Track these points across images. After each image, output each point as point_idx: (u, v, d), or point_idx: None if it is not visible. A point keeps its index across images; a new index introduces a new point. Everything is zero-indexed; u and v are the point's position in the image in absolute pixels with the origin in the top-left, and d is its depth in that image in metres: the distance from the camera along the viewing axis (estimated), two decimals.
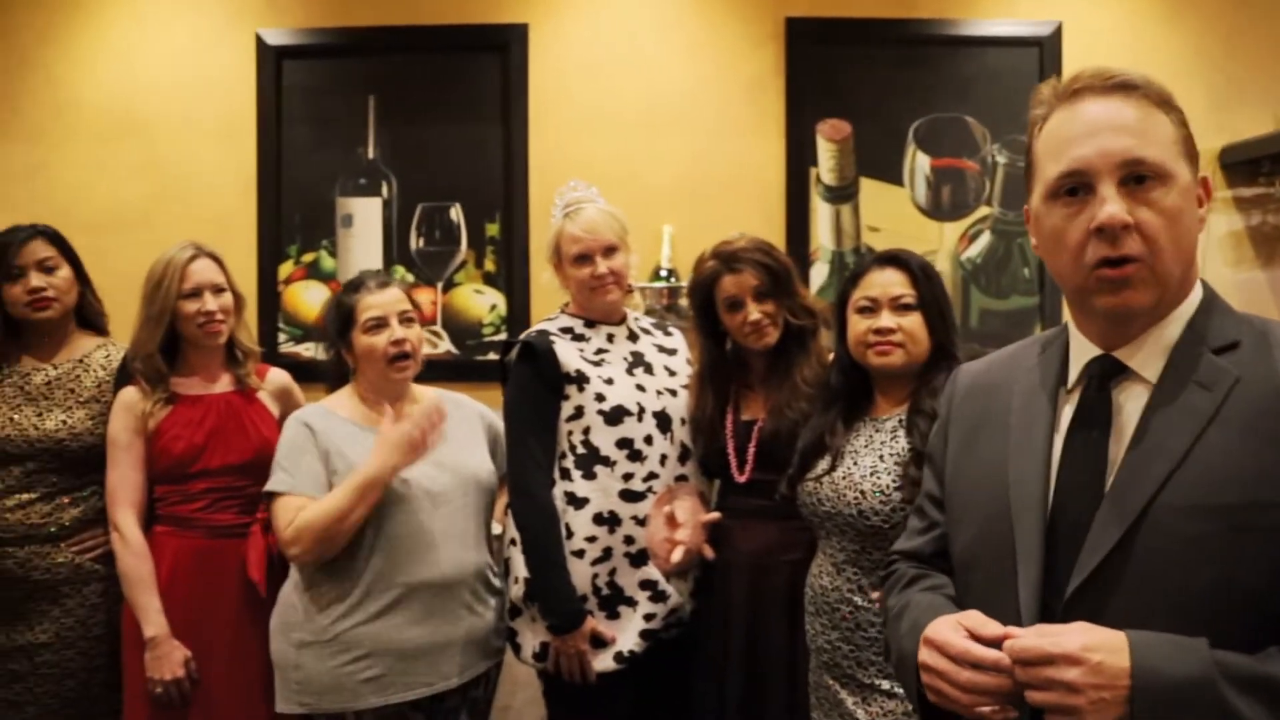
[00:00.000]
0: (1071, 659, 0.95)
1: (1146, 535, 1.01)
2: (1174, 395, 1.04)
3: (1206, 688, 0.92)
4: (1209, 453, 1.00)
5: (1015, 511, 1.11)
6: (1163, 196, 1.04)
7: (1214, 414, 1.02)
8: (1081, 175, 1.06)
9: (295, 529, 1.97)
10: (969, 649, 1.03)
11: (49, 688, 2.21)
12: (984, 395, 1.24)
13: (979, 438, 1.22)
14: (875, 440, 1.90)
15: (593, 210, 2.19)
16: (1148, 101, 1.07)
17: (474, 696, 2.15)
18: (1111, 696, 0.93)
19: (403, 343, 2.10)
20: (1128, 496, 1.02)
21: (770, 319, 2.10)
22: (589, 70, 3.25)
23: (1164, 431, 1.03)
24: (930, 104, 3.28)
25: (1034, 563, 1.07)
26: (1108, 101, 1.07)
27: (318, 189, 3.26)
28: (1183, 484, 1.00)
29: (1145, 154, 1.04)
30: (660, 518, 2.12)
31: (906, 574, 1.31)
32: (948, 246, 3.30)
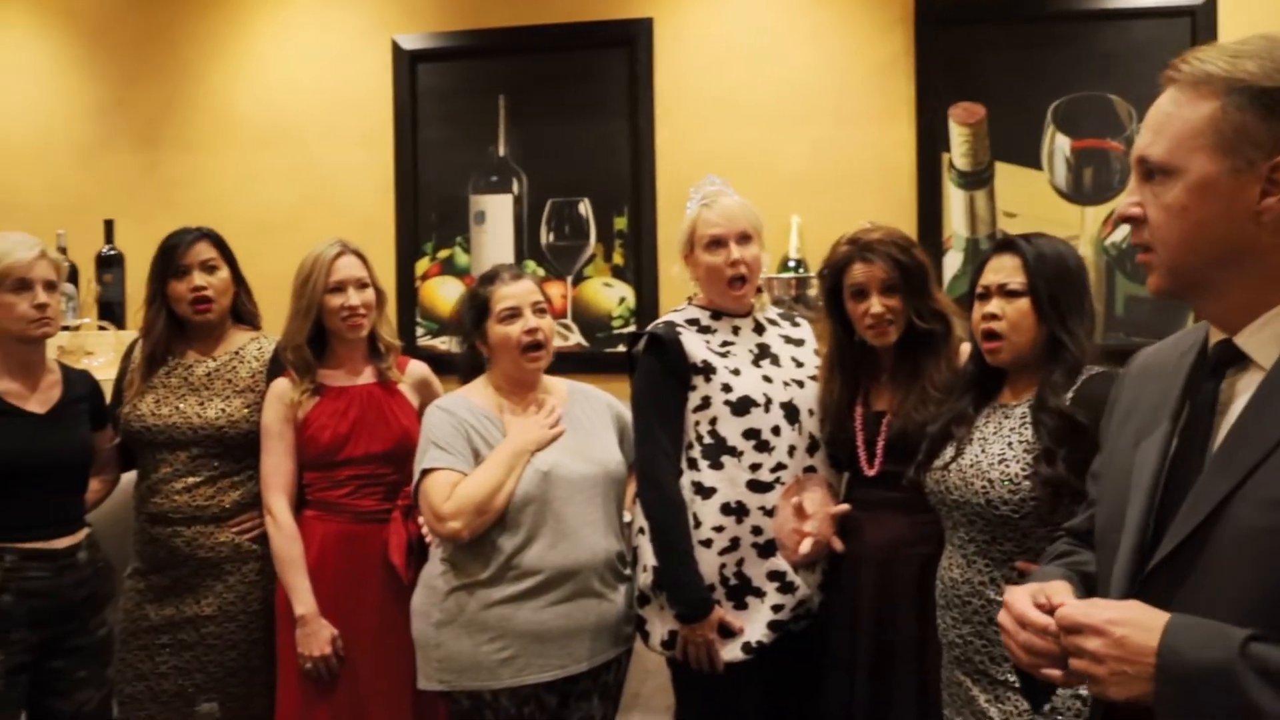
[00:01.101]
0: (1097, 630, 1.00)
1: (1222, 526, 1.00)
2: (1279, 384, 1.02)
3: (1227, 675, 0.93)
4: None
5: (1131, 496, 1.12)
6: (1164, 192, 1.05)
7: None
8: None
9: (455, 502, 2.04)
10: (1025, 612, 1.11)
11: (214, 657, 2.37)
12: (1144, 378, 1.24)
13: (1130, 420, 1.22)
14: (1004, 428, 1.85)
15: (729, 200, 2.20)
16: (1191, 90, 1.05)
17: (605, 681, 2.20)
18: (1134, 671, 0.97)
19: (536, 332, 2.16)
20: (1210, 486, 1.02)
21: (893, 315, 2.07)
22: (714, 62, 3.26)
23: (1260, 422, 1.01)
24: (1070, 83, 3.15)
25: (1132, 541, 1.09)
26: (1163, 94, 1.08)
27: (452, 187, 3.37)
28: (1269, 476, 0.98)
29: (1149, 151, 1.06)
30: (789, 509, 2.11)
31: (1056, 549, 1.36)
32: (1090, 231, 3.17)
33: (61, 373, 2.37)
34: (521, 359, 2.17)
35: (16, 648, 2.18)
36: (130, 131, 3.66)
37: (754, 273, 2.20)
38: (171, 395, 2.41)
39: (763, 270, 2.25)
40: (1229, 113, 1.02)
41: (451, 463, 2.08)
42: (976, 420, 1.91)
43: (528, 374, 2.21)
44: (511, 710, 2.08)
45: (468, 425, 2.13)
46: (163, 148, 3.63)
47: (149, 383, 2.43)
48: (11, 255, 2.20)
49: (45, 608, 2.21)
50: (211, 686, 2.37)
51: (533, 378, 2.22)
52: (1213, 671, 0.93)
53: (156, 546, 2.38)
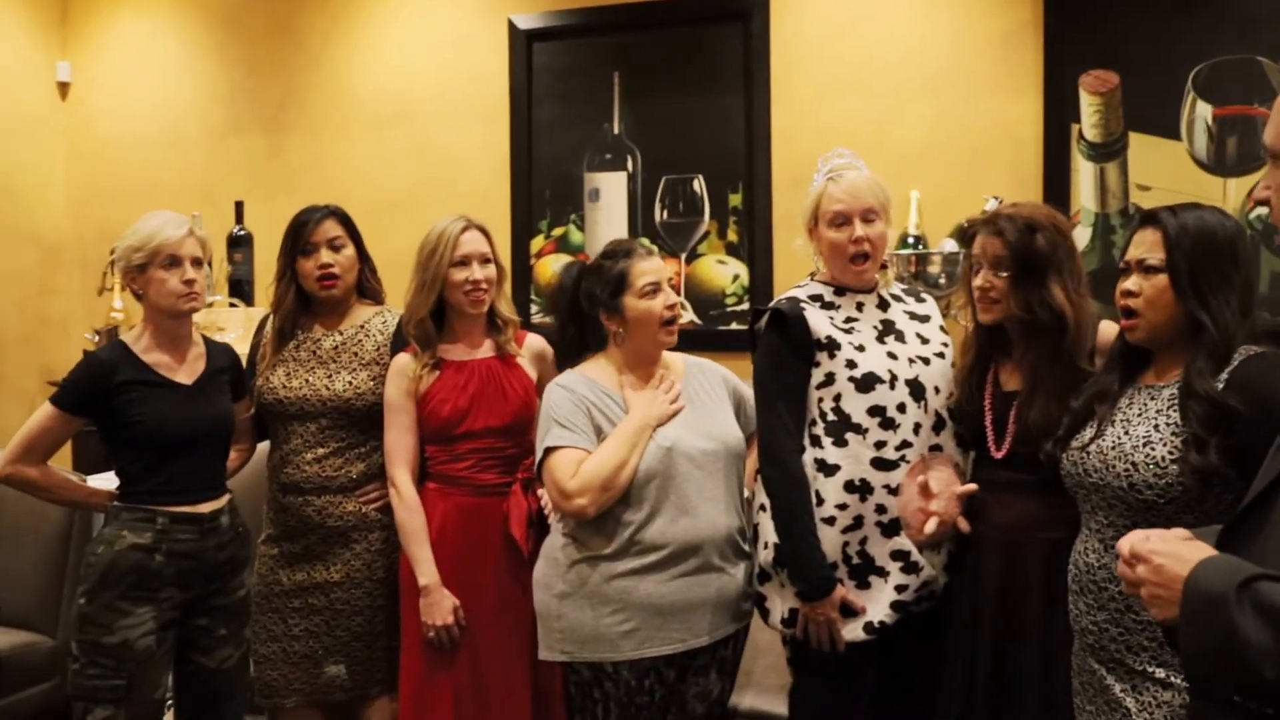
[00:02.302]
0: (1142, 558, 1.15)
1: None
2: None
3: (1221, 603, 1.04)
4: None
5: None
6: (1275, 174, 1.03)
7: None
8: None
9: (581, 479, 2.05)
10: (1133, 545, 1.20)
11: (341, 622, 2.45)
12: None
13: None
14: (1149, 409, 1.77)
15: (856, 175, 2.16)
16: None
17: (723, 656, 2.20)
18: (1168, 595, 1.12)
19: (675, 306, 2.17)
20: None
21: (997, 294, 1.99)
22: (831, 34, 3.19)
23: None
24: (1213, 47, 2.98)
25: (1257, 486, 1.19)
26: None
27: (566, 165, 3.40)
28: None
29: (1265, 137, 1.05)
30: (914, 487, 2.07)
31: None
32: (1232, 204, 2.99)
33: (205, 345, 2.47)
34: (660, 333, 2.17)
35: (166, 605, 2.30)
36: (257, 116, 3.80)
37: (878, 250, 2.15)
38: (301, 368, 2.49)
39: (889, 246, 2.20)
40: None
41: (575, 440, 2.09)
42: (1119, 400, 1.83)
43: (660, 348, 2.21)
44: (631, 682, 2.09)
45: (589, 402, 2.14)
46: (287, 131, 3.76)
47: (280, 356, 2.51)
48: (163, 233, 2.30)
49: (191, 568, 2.32)
50: (338, 650, 2.45)
51: (657, 353, 2.22)
52: (1214, 598, 1.05)
53: (288, 515, 2.47)
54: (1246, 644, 1.01)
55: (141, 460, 2.31)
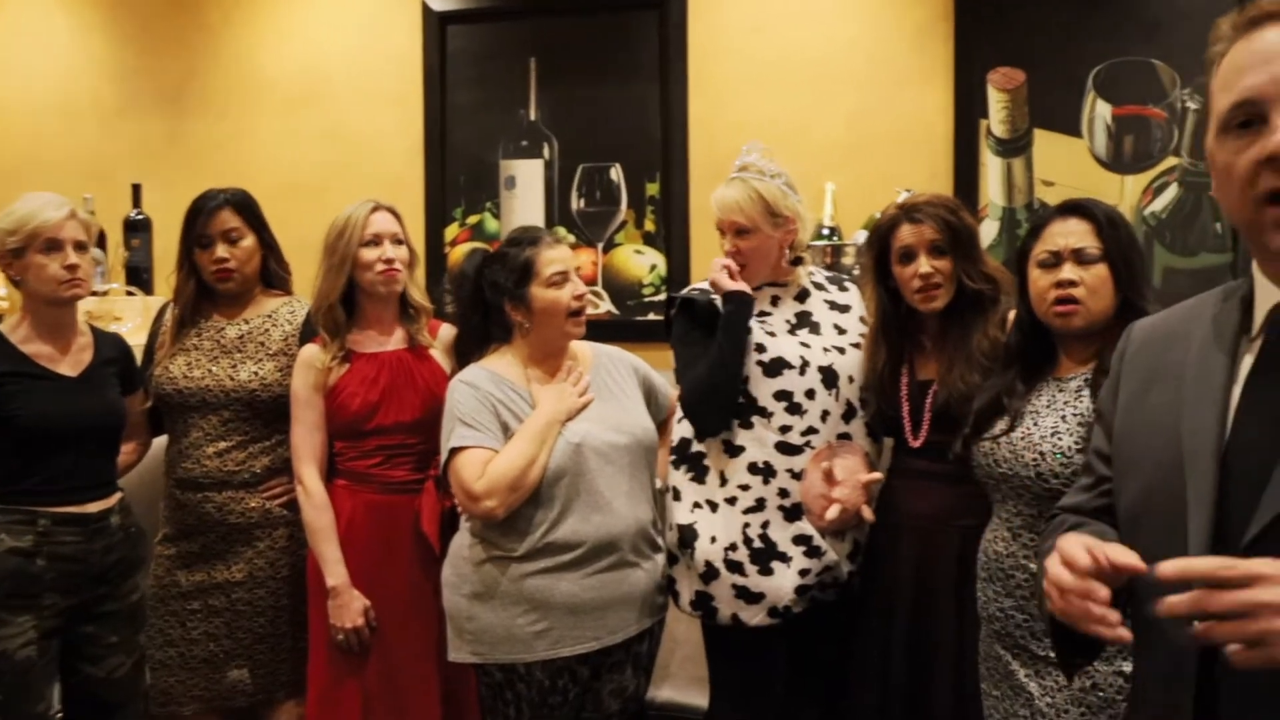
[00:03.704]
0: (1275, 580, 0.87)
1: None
2: None
3: None
4: None
5: (1188, 461, 1.06)
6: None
7: None
8: (1253, 105, 0.98)
9: (488, 480, 1.99)
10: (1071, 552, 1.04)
11: (243, 623, 2.37)
12: (1159, 347, 1.19)
13: (1152, 390, 1.16)
14: (1057, 400, 1.81)
15: (739, 188, 2.14)
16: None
17: (638, 652, 2.18)
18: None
19: (583, 296, 2.13)
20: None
21: (941, 278, 2.02)
22: (749, 25, 3.19)
23: None
24: (1113, 48, 3.07)
25: (1205, 511, 1.03)
26: None
27: (481, 151, 3.34)
28: None
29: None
30: (817, 473, 2.08)
31: (1066, 521, 1.28)
32: (1129, 200, 3.10)
33: (93, 335, 2.36)
34: (567, 324, 2.13)
35: (48, 612, 2.18)
36: (155, 95, 3.63)
37: (752, 260, 2.15)
38: (204, 358, 2.40)
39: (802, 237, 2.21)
40: None
41: (480, 440, 2.04)
42: (1028, 393, 1.87)
43: (568, 339, 2.17)
44: (544, 682, 2.06)
45: (494, 399, 2.08)
46: (189, 112, 3.60)
47: (180, 345, 2.42)
48: (40, 215, 2.17)
49: (77, 572, 2.21)
50: (240, 653, 2.37)
51: (564, 345, 2.18)
52: None
53: (186, 512, 2.37)
54: None
55: (20, 457, 2.18)
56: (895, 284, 2.10)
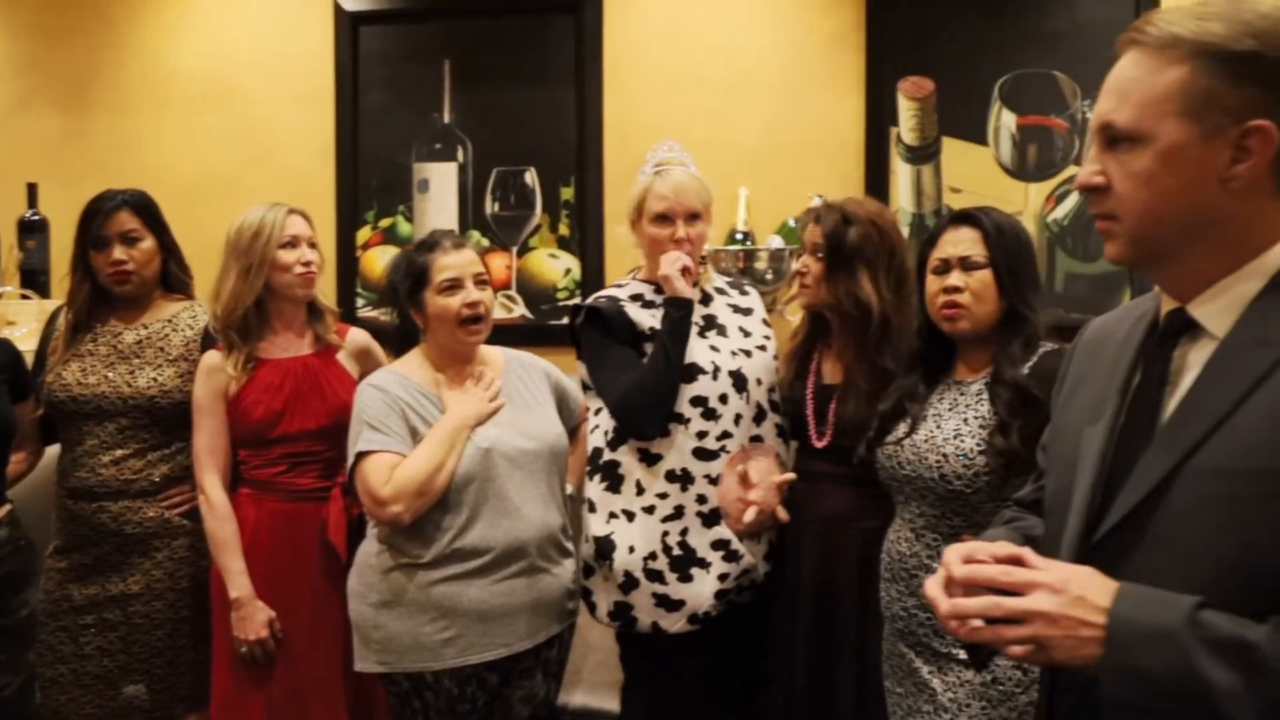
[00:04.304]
0: (1052, 588, 0.96)
1: (1173, 496, 0.99)
2: (1234, 354, 1.00)
3: (1174, 641, 0.91)
4: (1250, 416, 0.96)
5: (1080, 461, 1.11)
6: (1131, 159, 1.02)
7: (1266, 374, 0.97)
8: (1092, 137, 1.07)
9: (395, 486, 1.96)
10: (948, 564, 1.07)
11: (140, 637, 2.29)
12: (1095, 348, 1.23)
13: (1079, 391, 1.21)
14: (959, 404, 1.85)
15: (683, 173, 2.16)
16: (1156, 54, 1.01)
17: (548, 657, 2.17)
18: (1087, 633, 0.94)
19: (477, 305, 2.09)
20: (1160, 457, 1.01)
21: (810, 279, 2.07)
22: (664, 31, 3.20)
23: (1212, 391, 1.00)
24: (1017, 59, 3.16)
25: (1080, 511, 1.08)
26: (1123, 58, 1.05)
27: (394, 154, 3.29)
28: (1216, 447, 0.97)
29: (1115, 117, 1.03)
30: (733, 477, 2.10)
31: (1003, 515, 1.36)
32: (1033, 208, 3.19)
33: None
34: (460, 332, 2.09)
35: None
36: (52, 92, 3.51)
37: (697, 250, 2.17)
38: (99, 364, 2.32)
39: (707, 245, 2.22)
40: (1198, 77, 0.99)
41: (388, 444, 2.01)
42: (930, 397, 1.90)
43: (465, 347, 2.14)
44: (453, 690, 2.03)
45: (403, 403, 2.06)
46: (90, 109, 3.49)
47: (74, 350, 2.33)
48: None
49: None
50: (136, 668, 2.29)
51: (470, 351, 2.16)
52: (1159, 636, 0.92)
53: (79, 523, 2.29)
54: (1212, 689, 0.89)
55: None
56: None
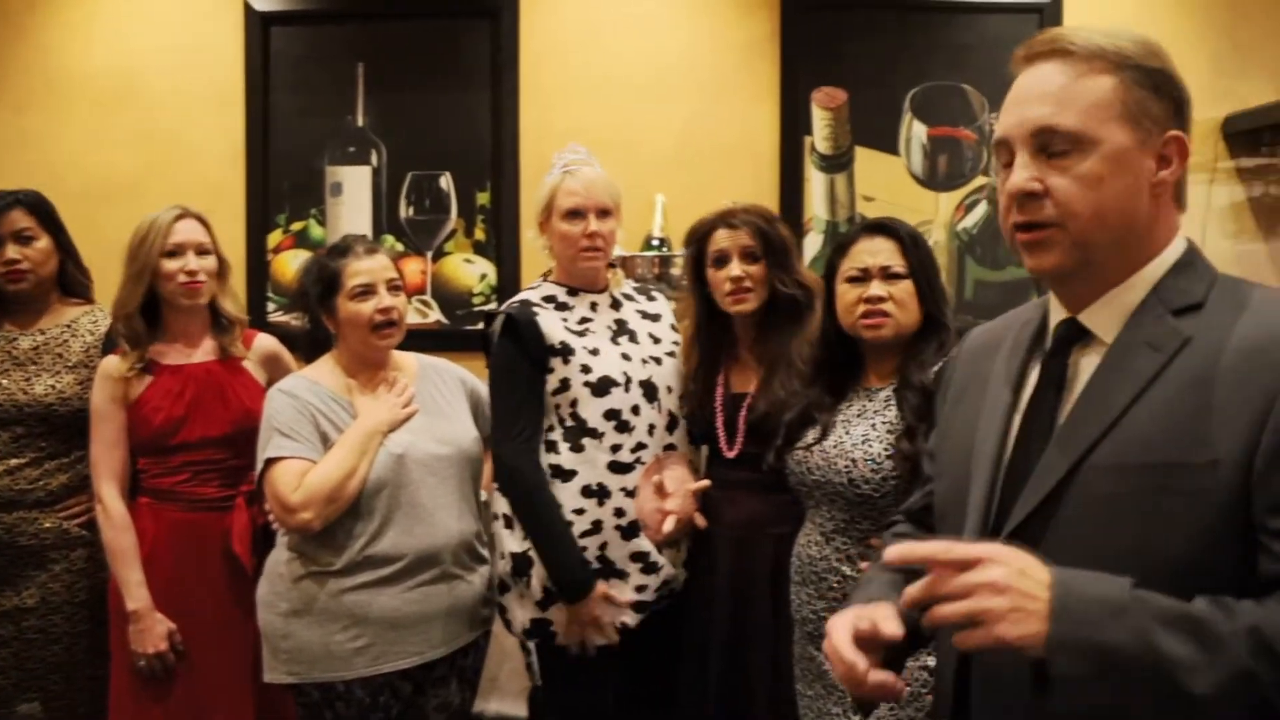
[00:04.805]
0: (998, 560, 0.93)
1: (1074, 494, 1.02)
2: (1123, 357, 1.04)
3: (1128, 613, 0.90)
4: (1143, 414, 1.00)
5: (974, 465, 1.13)
6: (1078, 163, 1.03)
7: (1155, 375, 1.01)
8: (1006, 144, 1.07)
9: (305, 492, 1.93)
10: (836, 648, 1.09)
11: (34, 653, 2.21)
12: (980, 356, 1.25)
13: (965, 397, 1.23)
14: (868, 410, 1.89)
15: (592, 171, 2.17)
16: (1085, 64, 1.05)
17: (462, 665, 2.15)
18: (1033, 607, 0.91)
19: (390, 311, 2.07)
20: (1060, 455, 1.04)
21: (753, 282, 2.07)
22: (581, 36, 3.21)
23: (1105, 393, 1.03)
24: (927, 72, 3.24)
25: (977, 515, 1.10)
26: (1041, 68, 1.07)
27: (306, 157, 3.24)
28: (1114, 445, 1.00)
29: (1058, 121, 1.03)
30: (649, 488, 2.10)
31: (893, 532, 1.37)
32: (943, 216, 3.27)
33: None
34: (372, 337, 2.07)
35: None
36: None
37: (609, 246, 2.18)
38: None
39: (616, 246, 2.22)
40: (1129, 87, 1.03)
41: (298, 450, 1.98)
42: (839, 403, 1.93)
43: (377, 353, 2.12)
44: (365, 700, 2.00)
45: (313, 408, 2.03)
46: None
47: None
48: None
49: None
50: (30, 685, 2.22)
51: (383, 356, 2.14)
52: (1108, 608, 0.91)
53: None
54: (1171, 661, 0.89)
55: None
56: (709, 290, 2.14)
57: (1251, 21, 3.27)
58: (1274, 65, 3.28)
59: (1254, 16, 3.27)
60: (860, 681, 1.07)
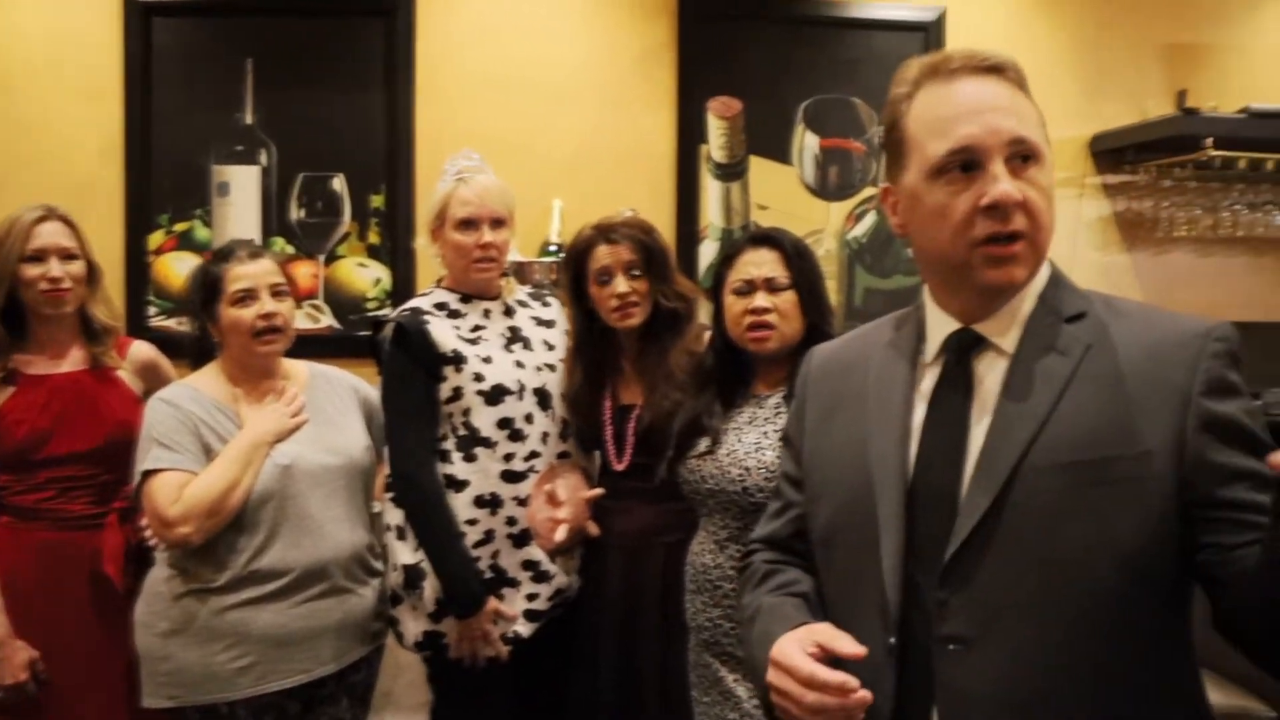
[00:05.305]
0: None
1: (1017, 497, 1.04)
2: (1033, 362, 1.09)
3: None
4: (1067, 414, 1.05)
5: (877, 483, 1.13)
6: (1039, 175, 1.08)
7: (1070, 377, 1.06)
8: (972, 152, 1.06)
9: (184, 506, 1.87)
10: (814, 673, 1.03)
11: None
12: (839, 373, 1.26)
13: (836, 415, 1.24)
14: (758, 418, 1.92)
15: (486, 179, 2.15)
16: (1015, 84, 1.11)
17: (353, 682, 2.10)
18: None
19: (272, 317, 2.01)
20: (996, 461, 1.05)
21: (638, 297, 2.08)
22: (479, 39, 3.18)
23: (1026, 397, 1.07)
24: (819, 84, 3.32)
25: (896, 531, 1.10)
26: (984, 82, 1.09)
27: (191, 155, 3.11)
28: (1046, 445, 1.04)
29: (1026, 133, 1.07)
30: (542, 496, 2.10)
31: (759, 570, 1.31)
32: (834, 226, 3.36)
33: None
34: (253, 343, 2.01)
35: None
36: None
37: (503, 256, 2.17)
38: None
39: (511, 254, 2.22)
40: (1037, 110, 1.11)
41: (178, 461, 1.91)
42: (727, 412, 1.96)
43: (261, 360, 2.06)
44: None
45: (195, 418, 1.96)
46: None
47: None
48: None
49: None
50: None
51: (268, 364, 2.08)
52: None
53: None
54: None
55: None
56: (591, 304, 2.14)
57: (1115, 49, 3.47)
58: (1134, 89, 3.48)
59: (1116, 44, 3.47)
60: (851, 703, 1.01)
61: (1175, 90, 3.45)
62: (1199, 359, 1.04)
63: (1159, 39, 3.51)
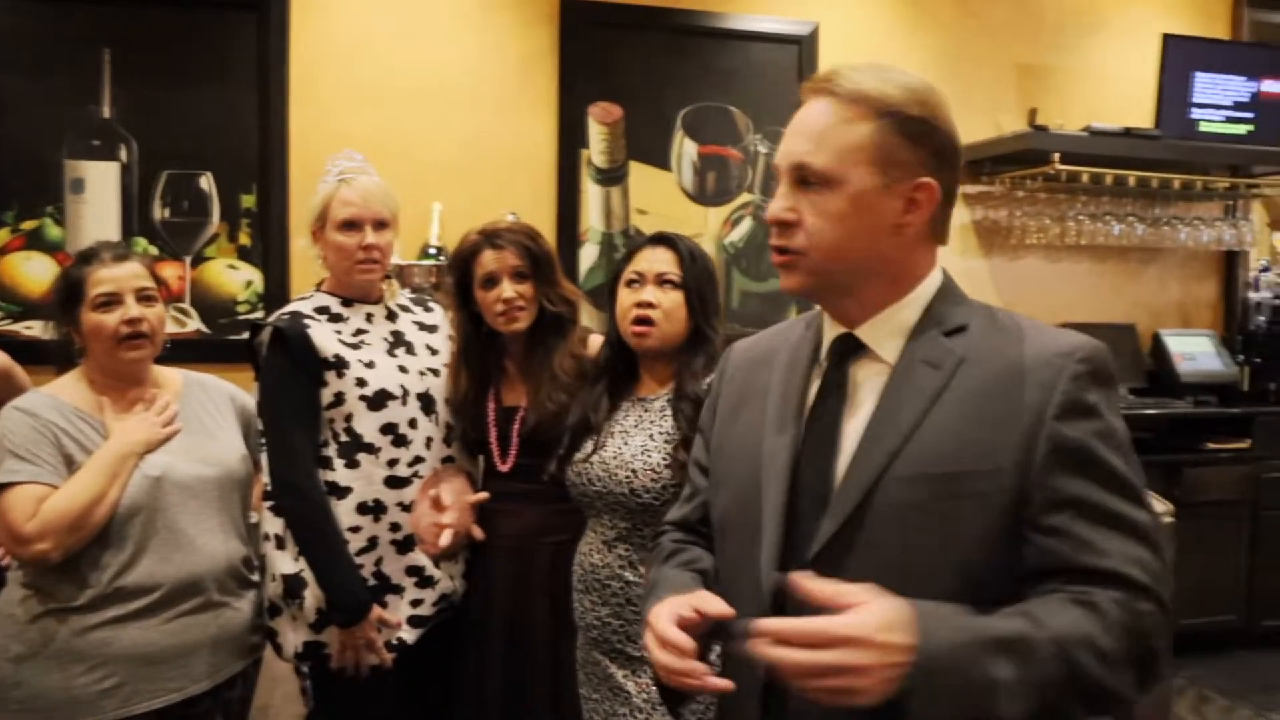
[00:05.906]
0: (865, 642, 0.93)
1: (878, 504, 1.08)
2: (908, 374, 1.13)
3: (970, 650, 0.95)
4: (932, 427, 1.09)
5: (765, 477, 1.17)
6: (825, 200, 1.11)
7: (940, 391, 1.10)
8: (777, 172, 1.16)
9: (42, 521, 1.76)
10: (664, 633, 1.09)
11: None
12: (751, 368, 1.30)
13: (742, 409, 1.28)
14: (645, 420, 1.94)
15: (369, 180, 2.11)
16: (849, 107, 1.12)
17: (228, 698, 2.02)
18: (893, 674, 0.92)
19: (138, 322, 1.92)
20: (863, 468, 1.10)
21: (524, 302, 2.09)
22: (356, 39, 3.12)
23: (897, 408, 1.11)
24: (698, 92, 3.39)
25: (775, 527, 1.14)
26: (812, 104, 1.14)
27: (40, 149, 2.95)
28: (909, 456, 1.08)
29: (811, 160, 1.11)
30: (426, 502, 2.08)
31: (666, 549, 1.36)
32: (712, 230, 3.43)
33: None
34: (118, 350, 1.92)
35: None
36: None
37: (386, 258, 2.13)
38: None
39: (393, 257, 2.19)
40: (884, 134, 1.11)
41: (35, 474, 1.80)
42: (615, 413, 1.98)
43: (128, 367, 1.96)
44: None
45: (56, 428, 1.85)
46: None
47: None
48: None
49: None
50: None
51: (136, 371, 1.98)
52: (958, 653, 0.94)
53: None
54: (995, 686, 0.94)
55: None
56: (477, 308, 2.14)
57: (974, 67, 3.69)
58: (990, 105, 3.70)
59: (975, 63, 3.69)
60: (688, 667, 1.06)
61: (1027, 108, 3.68)
62: (1058, 379, 1.06)
63: (1013, 60, 3.73)
